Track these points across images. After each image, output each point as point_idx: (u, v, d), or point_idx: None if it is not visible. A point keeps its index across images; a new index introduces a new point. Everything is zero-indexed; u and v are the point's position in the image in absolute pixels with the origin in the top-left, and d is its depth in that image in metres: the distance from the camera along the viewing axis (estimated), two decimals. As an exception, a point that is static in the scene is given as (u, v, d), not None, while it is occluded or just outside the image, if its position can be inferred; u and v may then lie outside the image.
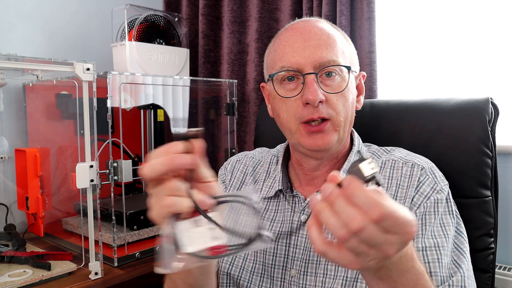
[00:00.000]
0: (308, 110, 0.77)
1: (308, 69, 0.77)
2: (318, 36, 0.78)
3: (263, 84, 0.91)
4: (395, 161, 0.82)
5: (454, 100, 0.95)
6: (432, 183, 0.77)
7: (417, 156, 0.83)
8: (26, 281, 1.01)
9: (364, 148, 0.87)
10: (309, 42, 0.78)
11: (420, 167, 0.79)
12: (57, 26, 1.63)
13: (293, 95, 0.78)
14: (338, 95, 0.77)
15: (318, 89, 0.76)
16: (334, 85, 0.78)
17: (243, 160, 0.99)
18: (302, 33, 0.79)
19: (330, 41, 0.78)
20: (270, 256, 0.82)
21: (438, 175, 0.80)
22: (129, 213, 1.27)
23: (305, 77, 0.77)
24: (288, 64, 0.78)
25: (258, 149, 1.03)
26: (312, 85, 0.75)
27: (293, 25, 0.84)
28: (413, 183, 0.77)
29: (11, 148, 1.47)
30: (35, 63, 1.07)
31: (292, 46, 0.79)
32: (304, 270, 0.78)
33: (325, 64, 0.77)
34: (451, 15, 1.36)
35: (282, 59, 0.80)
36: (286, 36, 0.82)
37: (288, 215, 0.84)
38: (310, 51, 0.77)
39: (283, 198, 0.87)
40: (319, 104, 0.76)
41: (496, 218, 0.91)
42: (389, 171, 0.81)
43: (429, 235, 0.73)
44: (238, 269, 0.85)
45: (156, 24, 1.54)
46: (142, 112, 1.64)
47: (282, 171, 0.88)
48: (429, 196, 0.76)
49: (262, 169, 0.94)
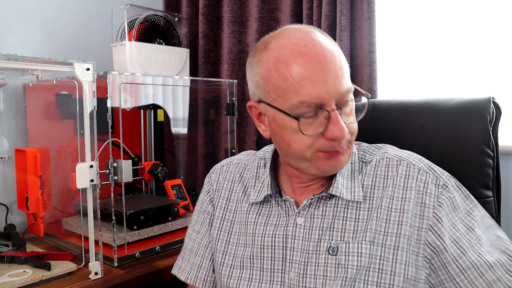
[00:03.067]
0: (331, 144, 0.73)
1: (331, 103, 0.71)
2: (333, 63, 0.72)
3: (252, 104, 0.81)
4: (390, 159, 0.81)
5: (455, 100, 0.95)
6: (434, 180, 0.76)
7: (410, 153, 0.82)
8: (26, 281, 1.01)
9: (355, 147, 0.85)
10: (328, 73, 0.71)
11: (416, 168, 0.78)
12: (57, 26, 1.63)
13: (316, 132, 0.73)
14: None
15: (344, 124, 0.72)
16: (348, 111, 0.75)
17: (228, 168, 0.96)
18: (317, 61, 0.71)
19: (342, 65, 0.73)
20: (268, 261, 0.82)
21: (436, 169, 0.79)
22: (129, 213, 1.27)
23: (330, 113, 0.71)
24: (309, 100, 0.71)
25: (244, 153, 1.00)
26: (339, 122, 0.71)
27: (300, 46, 0.73)
28: (411, 185, 0.76)
29: (11, 148, 1.48)
30: (35, 63, 1.07)
31: (310, 77, 0.70)
32: (303, 272, 0.77)
33: (345, 94, 0.73)
34: (452, 14, 1.36)
35: (300, 92, 0.71)
36: (298, 63, 0.71)
37: (283, 219, 0.83)
38: (331, 83, 0.71)
39: (275, 203, 0.85)
40: None
41: (498, 218, 0.91)
42: (384, 169, 0.80)
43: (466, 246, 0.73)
44: (236, 280, 0.84)
45: (156, 24, 1.54)
46: (142, 112, 1.64)
47: (270, 175, 0.86)
48: (437, 194, 0.75)
49: (250, 174, 0.92)
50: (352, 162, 0.83)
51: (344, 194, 0.78)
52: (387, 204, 0.76)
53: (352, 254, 0.75)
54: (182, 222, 1.41)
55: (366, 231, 0.76)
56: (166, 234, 1.36)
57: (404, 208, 0.75)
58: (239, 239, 0.87)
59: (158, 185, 1.57)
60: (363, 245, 0.75)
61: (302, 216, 0.81)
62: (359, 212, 0.78)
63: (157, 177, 1.51)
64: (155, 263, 1.19)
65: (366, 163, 0.83)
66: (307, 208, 0.81)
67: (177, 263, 0.98)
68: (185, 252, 0.96)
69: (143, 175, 1.54)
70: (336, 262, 0.75)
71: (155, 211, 1.34)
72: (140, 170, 1.54)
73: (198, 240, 0.94)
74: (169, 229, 1.37)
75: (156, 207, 1.35)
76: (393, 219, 0.75)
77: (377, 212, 0.76)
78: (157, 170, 1.51)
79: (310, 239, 0.79)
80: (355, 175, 0.81)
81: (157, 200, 1.48)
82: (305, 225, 0.80)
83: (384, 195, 0.77)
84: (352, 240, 0.76)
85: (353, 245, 0.75)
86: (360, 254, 0.74)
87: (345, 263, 0.74)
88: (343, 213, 0.78)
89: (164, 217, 1.37)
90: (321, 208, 0.80)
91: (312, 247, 0.78)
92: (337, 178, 0.79)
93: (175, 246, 1.31)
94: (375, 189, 0.79)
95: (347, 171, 0.81)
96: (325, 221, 0.79)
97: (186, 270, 0.94)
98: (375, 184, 0.79)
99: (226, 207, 0.92)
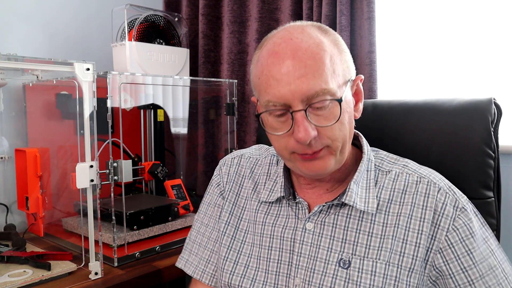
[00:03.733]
0: (301, 147, 0.71)
1: (296, 104, 0.69)
2: (303, 62, 0.69)
3: (253, 99, 0.82)
4: (410, 174, 0.77)
5: (456, 101, 0.95)
6: (453, 202, 0.74)
7: (431, 171, 0.79)
8: (26, 281, 1.01)
9: (372, 154, 0.83)
10: (294, 72, 0.68)
11: (437, 187, 0.75)
12: (57, 26, 1.63)
13: (284, 130, 0.72)
14: (333, 125, 0.71)
15: (309, 125, 0.69)
16: (326, 114, 0.70)
17: (240, 161, 0.94)
18: (284, 60, 0.69)
19: (317, 65, 0.69)
20: (274, 263, 0.80)
21: (456, 191, 0.76)
22: (129, 213, 1.27)
23: (293, 115, 0.70)
24: (274, 99, 0.70)
25: (255, 147, 0.98)
26: (302, 123, 0.69)
27: (275, 45, 0.72)
28: (430, 204, 0.74)
29: (11, 148, 1.47)
30: (35, 63, 1.07)
31: (275, 77, 0.70)
32: (309, 279, 0.75)
33: (313, 96, 0.69)
34: (453, 14, 1.36)
35: (267, 91, 0.71)
36: (268, 63, 0.71)
37: (292, 222, 0.81)
38: (296, 84, 0.68)
39: (286, 203, 0.83)
40: (312, 140, 0.70)
41: (498, 219, 0.90)
42: (404, 184, 0.77)
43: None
44: (239, 277, 0.82)
45: (156, 24, 1.54)
46: (142, 112, 1.64)
47: (284, 175, 0.84)
48: (454, 218, 0.72)
49: (261, 170, 0.91)
50: (368, 169, 0.80)
51: (358, 204, 0.76)
52: (404, 224, 0.74)
53: (366, 272, 0.73)
54: (182, 222, 1.41)
55: (381, 249, 0.73)
56: (166, 234, 1.36)
57: (422, 229, 0.73)
58: (245, 236, 0.86)
59: (158, 185, 1.57)
60: (378, 264, 0.73)
61: (312, 222, 0.79)
62: (373, 226, 0.75)
63: (157, 177, 1.51)
64: (155, 263, 1.19)
65: (383, 172, 0.80)
66: (318, 214, 0.79)
67: (182, 257, 0.95)
68: (193, 245, 0.94)
69: (143, 175, 1.54)
70: (347, 277, 0.73)
71: (155, 211, 1.34)
72: (140, 170, 1.54)
73: (207, 233, 0.92)
74: (169, 229, 1.37)
75: (156, 207, 1.35)
76: (410, 239, 0.73)
77: (393, 231, 0.74)
78: (157, 170, 1.51)
79: (319, 247, 0.77)
80: (370, 184, 0.78)
81: (157, 200, 1.48)
82: (315, 231, 0.78)
83: (402, 212, 0.75)
84: (366, 256, 0.74)
85: (368, 262, 0.73)
86: (374, 273, 0.72)
87: (358, 280, 0.72)
88: (357, 225, 0.76)
89: (164, 217, 1.37)
90: (333, 216, 0.78)
91: (320, 255, 0.76)
92: (351, 187, 0.76)
93: (175, 246, 1.31)
94: (391, 203, 0.76)
95: (363, 179, 0.79)
96: (337, 231, 0.77)
97: (194, 264, 0.92)
98: (392, 198, 0.76)
99: (235, 202, 0.90)
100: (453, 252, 0.71)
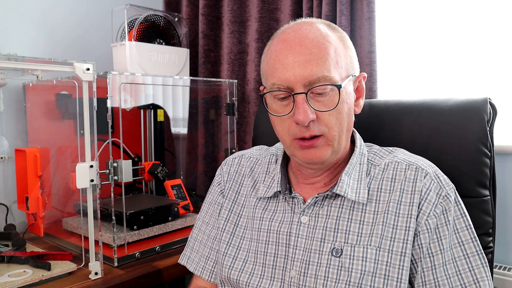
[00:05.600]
0: (300, 129, 0.75)
1: (298, 87, 0.74)
2: (309, 50, 0.74)
3: (262, 88, 0.88)
4: (398, 163, 0.80)
5: (452, 100, 0.96)
6: (437, 189, 0.76)
7: (420, 158, 0.82)
8: (26, 281, 1.01)
9: (365, 149, 0.86)
10: (299, 58, 0.74)
11: (424, 172, 0.77)
12: (57, 26, 1.63)
13: (285, 113, 0.77)
14: (331, 111, 0.75)
15: (309, 108, 0.74)
16: (326, 101, 0.75)
17: (240, 161, 0.98)
18: (292, 47, 0.75)
19: (321, 53, 0.74)
20: (271, 257, 0.82)
21: (442, 179, 0.78)
22: (129, 213, 1.27)
23: (294, 97, 0.75)
24: (278, 82, 0.76)
25: (256, 147, 1.01)
26: (302, 105, 0.74)
27: (284, 34, 0.79)
28: (417, 188, 0.76)
29: (11, 148, 1.48)
30: (35, 63, 1.07)
31: (282, 61, 0.76)
32: (304, 271, 0.78)
33: (315, 81, 0.74)
34: (451, 16, 1.36)
35: (273, 75, 0.77)
36: (276, 49, 0.78)
37: (288, 216, 0.83)
38: (300, 68, 0.74)
39: (283, 198, 0.86)
40: (310, 123, 0.75)
41: (494, 217, 0.91)
42: (392, 173, 0.80)
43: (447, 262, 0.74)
44: (237, 272, 0.84)
45: (156, 24, 1.54)
46: (142, 112, 1.64)
47: (281, 172, 0.87)
48: (436, 204, 0.75)
49: (261, 169, 0.93)
50: (361, 163, 0.83)
51: (349, 194, 0.78)
52: (394, 209, 0.76)
53: (357, 258, 0.74)
54: (182, 222, 1.41)
55: (372, 235, 0.75)
56: (166, 234, 1.37)
57: (411, 213, 0.75)
58: (244, 232, 0.88)
59: (158, 185, 1.57)
60: (368, 250, 0.74)
61: (306, 215, 0.81)
62: (365, 214, 0.78)
63: (157, 177, 1.51)
64: (155, 263, 1.19)
65: (375, 166, 0.82)
66: (312, 207, 0.81)
67: (185, 254, 0.99)
68: (195, 243, 0.98)
69: (143, 175, 1.54)
70: (339, 265, 0.75)
71: (155, 211, 1.34)
72: (140, 170, 1.54)
73: (207, 231, 0.96)
74: (169, 229, 1.38)
75: (156, 207, 1.35)
76: (400, 224, 0.75)
77: (383, 217, 0.76)
78: (157, 170, 1.51)
79: (313, 238, 0.79)
80: (362, 176, 0.81)
81: (157, 200, 1.48)
82: (309, 224, 0.80)
83: (391, 199, 0.77)
84: (357, 243, 0.75)
85: (358, 248, 0.75)
86: (365, 259, 0.74)
87: (349, 266, 0.74)
88: (348, 215, 0.78)
89: (164, 217, 1.37)
90: (326, 208, 0.80)
91: (314, 247, 0.78)
92: (342, 178, 0.79)
93: (175, 246, 1.31)
94: (381, 192, 0.79)
95: (355, 171, 0.81)
96: (329, 221, 0.79)
97: (195, 261, 0.96)
98: (381, 187, 0.79)
99: (235, 200, 0.93)
100: (429, 237, 0.74)
